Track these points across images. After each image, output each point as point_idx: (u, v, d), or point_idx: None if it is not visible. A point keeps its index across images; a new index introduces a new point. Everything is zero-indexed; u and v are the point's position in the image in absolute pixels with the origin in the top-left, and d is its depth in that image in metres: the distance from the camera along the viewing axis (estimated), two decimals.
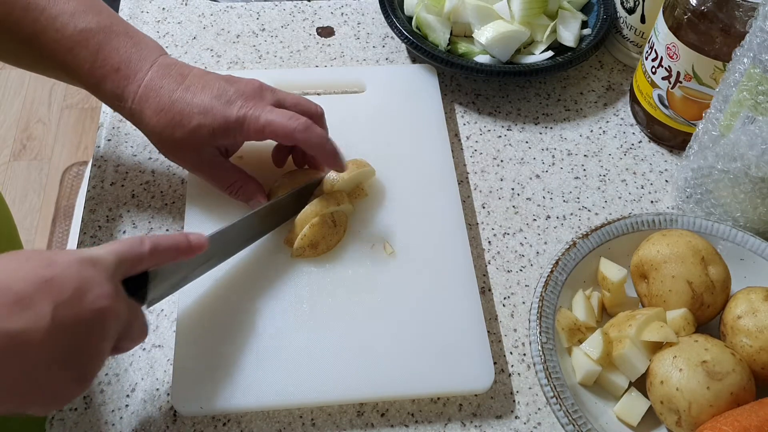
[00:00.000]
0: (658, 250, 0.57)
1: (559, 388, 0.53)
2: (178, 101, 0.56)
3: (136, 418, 0.55)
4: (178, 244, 0.49)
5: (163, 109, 0.56)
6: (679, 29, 0.65)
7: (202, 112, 0.56)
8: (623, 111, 0.78)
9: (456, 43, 0.77)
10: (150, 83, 0.57)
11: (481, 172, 0.71)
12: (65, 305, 0.40)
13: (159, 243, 0.47)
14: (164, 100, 0.56)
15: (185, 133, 0.57)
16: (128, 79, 0.57)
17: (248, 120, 0.57)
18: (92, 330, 0.41)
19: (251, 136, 0.58)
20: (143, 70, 0.57)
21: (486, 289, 0.63)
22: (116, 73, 0.57)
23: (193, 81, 0.58)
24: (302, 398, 0.54)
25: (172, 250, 0.48)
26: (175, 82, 0.57)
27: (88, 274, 0.42)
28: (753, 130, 0.57)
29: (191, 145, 0.58)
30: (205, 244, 0.50)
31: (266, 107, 0.58)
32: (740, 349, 0.54)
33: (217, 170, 0.60)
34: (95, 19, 0.57)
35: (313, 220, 0.60)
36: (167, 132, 0.57)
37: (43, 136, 1.90)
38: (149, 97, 0.57)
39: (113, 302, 0.42)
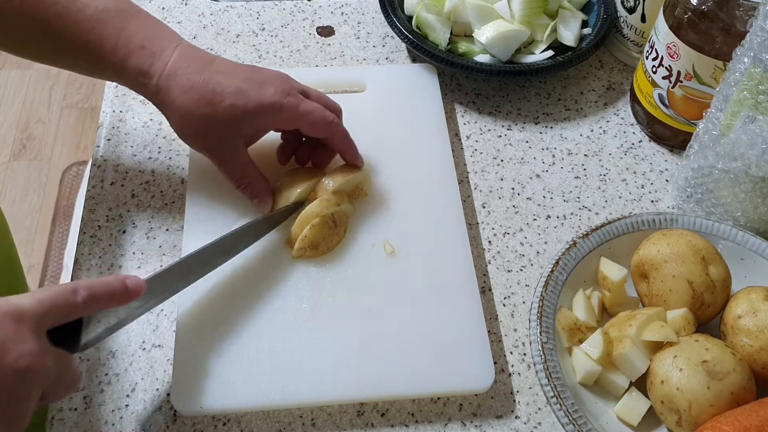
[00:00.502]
0: (658, 250, 0.57)
1: (559, 387, 0.53)
2: (210, 81, 0.56)
3: (136, 418, 0.55)
4: (113, 291, 0.46)
5: (193, 86, 0.56)
6: (679, 28, 0.65)
7: (235, 93, 0.56)
8: (623, 110, 0.77)
9: (456, 42, 0.77)
10: (177, 62, 0.56)
11: (481, 171, 0.71)
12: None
13: (94, 291, 0.44)
14: (194, 78, 0.56)
15: (216, 112, 0.56)
16: (154, 56, 0.56)
17: (285, 107, 0.58)
18: (12, 393, 0.38)
19: (283, 122, 0.59)
20: (169, 48, 0.57)
21: (486, 288, 0.63)
22: (141, 50, 0.56)
23: (221, 65, 0.58)
24: (302, 398, 0.54)
25: (107, 298, 0.45)
26: (202, 64, 0.57)
27: (9, 332, 0.39)
28: (753, 130, 0.57)
29: (218, 127, 0.57)
30: (142, 289, 0.47)
31: (301, 97, 0.59)
32: (741, 348, 0.53)
33: (234, 159, 0.59)
34: (113, 2, 0.57)
35: (313, 220, 0.60)
36: (196, 110, 0.56)
37: (43, 136, 1.90)
38: (177, 74, 0.56)
39: (37, 359, 0.39)
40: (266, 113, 0.57)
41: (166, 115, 0.59)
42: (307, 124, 0.59)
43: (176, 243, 0.64)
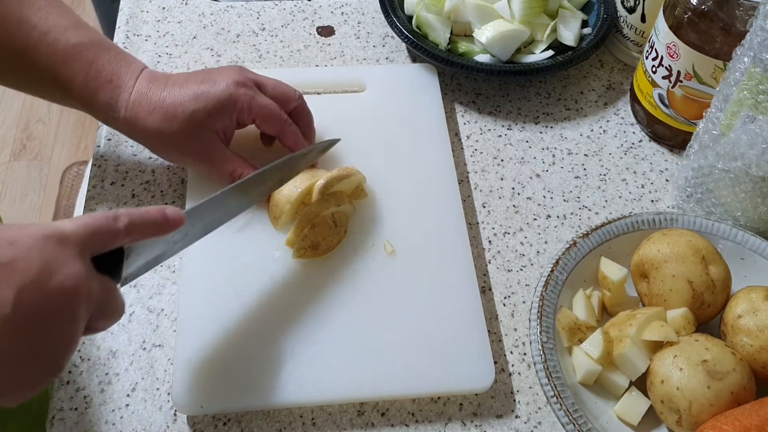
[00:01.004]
0: (658, 250, 0.57)
1: (559, 387, 0.53)
2: (168, 96, 0.59)
3: (136, 418, 0.55)
4: (155, 220, 0.46)
5: (155, 108, 0.59)
6: (679, 28, 0.65)
7: (193, 98, 0.59)
8: (623, 110, 0.77)
9: (456, 42, 0.77)
10: (139, 90, 0.60)
11: (481, 171, 0.71)
12: (29, 288, 0.37)
13: (134, 219, 0.44)
14: (154, 100, 0.59)
15: (182, 123, 0.59)
16: (120, 89, 0.59)
17: (241, 100, 0.60)
18: (60, 313, 0.39)
19: (243, 114, 0.61)
20: (132, 80, 0.60)
21: (486, 288, 0.63)
22: (109, 84, 0.59)
23: (177, 79, 0.61)
24: (302, 398, 0.54)
25: (148, 227, 0.45)
26: (160, 84, 0.60)
27: (54, 253, 0.39)
28: (753, 129, 0.57)
29: (190, 135, 0.60)
30: (182, 219, 0.48)
31: (257, 90, 0.61)
32: (741, 348, 0.54)
33: (218, 158, 0.61)
34: (86, 35, 0.60)
35: (314, 220, 0.60)
36: (164, 127, 0.59)
37: (43, 136, 1.90)
38: (140, 101, 0.59)
39: (82, 281, 0.40)
40: (226, 107, 0.60)
41: (141, 142, 0.62)
42: (261, 118, 0.61)
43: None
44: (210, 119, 0.59)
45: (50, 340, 0.39)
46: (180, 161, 0.63)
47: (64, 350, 0.40)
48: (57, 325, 0.39)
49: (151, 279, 0.62)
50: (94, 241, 0.42)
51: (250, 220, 0.63)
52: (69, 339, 0.40)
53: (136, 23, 0.82)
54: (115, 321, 0.45)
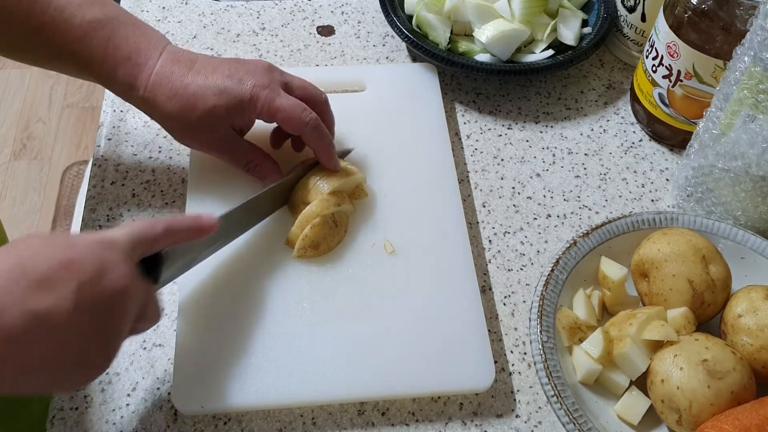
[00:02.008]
0: (658, 249, 0.57)
1: (559, 386, 0.53)
2: (191, 84, 0.58)
3: (136, 417, 0.55)
4: (190, 226, 0.50)
5: (177, 93, 0.58)
6: (679, 28, 0.65)
7: (216, 93, 0.58)
8: (624, 110, 0.77)
9: (456, 41, 0.77)
10: (161, 70, 0.58)
11: (481, 170, 0.71)
12: (87, 286, 0.40)
13: (173, 225, 0.48)
14: (176, 84, 0.58)
15: (201, 115, 0.58)
16: (139, 67, 0.58)
17: (262, 101, 0.59)
18: (113, 310, 0.42)
19: (263, 116, 0.60)
20: (153, 58, 0.58)
21: (486, 287, 0.63)
22: (127, 62, 0.58)
23: (203, 65, 0.59)
24: (303, 397, 0.54)
25: (185, 232, 0.49)
26: (185, 67, 0.58)
27: (108, 256, 0.42)
28: (754, 129, 0.57)
29: (208, 127, 0.59)
30: (216, 225, 0.51)
31: (279, 91, 0.60)
32: (741, 347, 0.54)
33: (235, 149, 0.62)
34: (102, 11, 0.58)
35: (314, 220, 0.60)
36: (183, 115, 0.58)
37: (44, 136, 1.90)
38: (161, 84, 0.58)
39: (131, 283, 0.43)
40: (247, 107, 0.59)
41: (157, 122, 0.61)
42: (281, 120, 0.60)
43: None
44: (229, 116, 0.59)
45: (104, 334, 0.42)
46: (195, 147, 0.63)
47: (114, 345, 0.43)
48: (110, 321, 0.42)
49: None
50: (140, 246, 0.46)
51: None
52: (119, 335, 0.43)
53: None
54: (154, 323, 0.49)
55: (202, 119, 0.58)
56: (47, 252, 0.41)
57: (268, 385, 0.54)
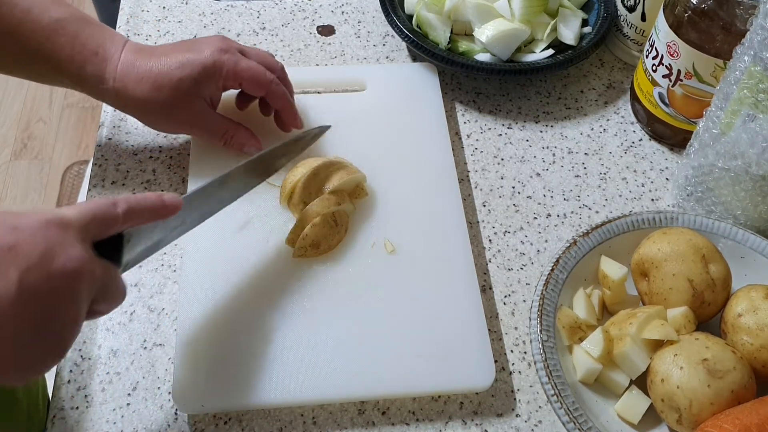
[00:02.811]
0: (658, 248, 0.57)
1: (559, 386, 0.53)
2: (155, 65, 0.61)
3: (137, 417, 0.55)
4: (153, 205, 0.47)
5: (143, 77, 0.60)
6: (679, 27, 0.65)
7: (179, 66, 0.60)
8: (624, 109, 0.78)
9: (456, 41, 0.77)
10: (125, 61, 0.61)
11: (481, 170, 0.71)
12: (32, 271, 0.38)
13: (132, 204, 0.46)
14: (142, 70, 0.60)
15: (170, 91, 0.60)
16: (106, 61, 0.61)
17: (226, 65, 0.61)
18: (64, 294, 0.40)
19: (228, 80, 0.62)
20: (117, 51, 0.61)
21: (487, 287, 0.63)
22: (95, 57, 0.60)
23: (162, 49, 0.62)
24: (303, 396, 0.54)
25: (146, 212, 0.47)
26: (146, 54, 0.61)
27: (56, 237, 0.40)
28: (754, 128, 0.57)
29: (178, 103, 0.61)
30: (180, 204, 0.49)
31: (240, 55, 0.63)
32: (741, 347, 0.54)
33: (208, 122, 0.64)
34: (66, 10, 0.61)
35: (314, 220, 0.60)
36: (153, 96, 0.61)
37: (44, 136, 1.90)
38: (128, 72, 0.60)
39: (84, 264, 0.41)
40: (212, 74, 0.61)
41: (130, 112, 0.63)
42: (247, 80, 0.63)
43: (177, 241, 0.64)
44: (196, 86, 0.61)
45: (54, 321, 0.40)
46: (171, 129, 0.66)
47: (67, 331, 0.41)
48: (60, 306, 0.40)
49: (152, 278, 0.62)
50: (95, 226, 0.43)
51: (251, 219, 0.63)
52: (72, 320, 0.41)
53: (136, 22, 0.82)
54: (117, 304, 0.46)
55: (171, 95, 0.61)
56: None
57: (269, 384, 0.54)
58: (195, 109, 0.62)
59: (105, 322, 0.59)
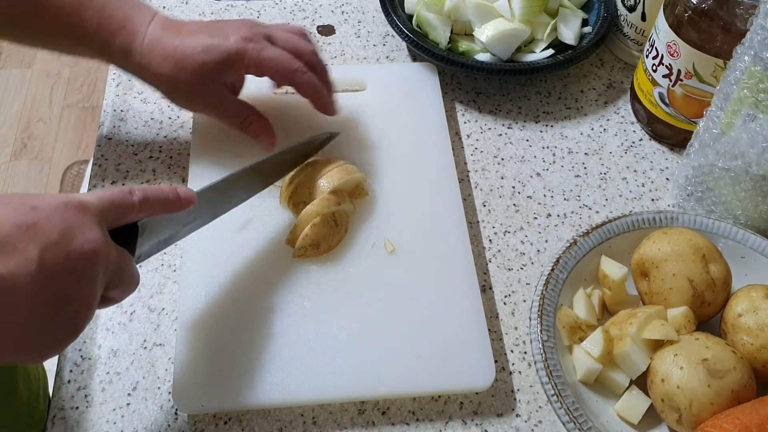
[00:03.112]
0: (658, 248, 0.57)
1: (559, 386, 0.53)
2: (180, 46, 0.60)
3: (137, 417, 0.55)
4: (167, 196, 0.48)
5: (168, 55, 0.60)
6: (679, 27, 0.65)
7: (203, 50, 0.60)
8: (624, 109, 0.77)
9: (456, 41, 0.77)
10: (152, 36, 0.60)
11: (481, 170, 0.71)
12: (52, 249, 0.39)
13: (148, 194, 0.47)
14: (167, 48, 0.60)
15: (192, 73, 0.60)
16: (133, 34, 0.60)
17: (248, 53, 0.60)
18: (81, 274, 0.40)
19: (251, 69, 0.61)
20: (144, 25, 0.61)
21: (487, 287, 0.63)
22: (122, 30, 0.60)
23: (190, 28, 0.62)
24: (303, 396, 0.54)
25: (161, 202, 0.48)
26: (173, 32, 0.61)
27: (75, 218, 0.41)
28: (754, 128, 0.57)
29: (200, 86, 0.61)
30: (194, 198, 0.50)
31: (265, 43, 0.61)
32: (741, 347, 0.54)
33: (229, 107, 0.63)
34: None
35: (314, 219, 0.60)
36: (176, 75, 0.60)
37: (44, 135, 1.90)
38: (153, 48, 0.60)
39: (101, 246, 0.41)
40: (234, 61, 0.60)
41: (153, 86, 0.63)
42: (270, 71, 0.62)
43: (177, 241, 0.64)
44: (219, 72, 0.61)
45: (70, 301, 0.40)
46: (191, 108, 0.65)
47: (82, 312, 0.41)
48: (77, 286, 0.40)
49: (152, 278, 0.62)
50: (112, 212, 0.44)
51: (251, 219, 0.63)
52: (88, 301, 0.41)
53: None
54: (130, 291, 0.47)
55: (193, 78, 0.60)
56: (6, 215, 0.39)
57: (269, 384, 0.54)
58: (215, 93, 0.62)
59: (105, 322, 0.60)
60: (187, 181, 0.66)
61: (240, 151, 0.67)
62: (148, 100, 0.74)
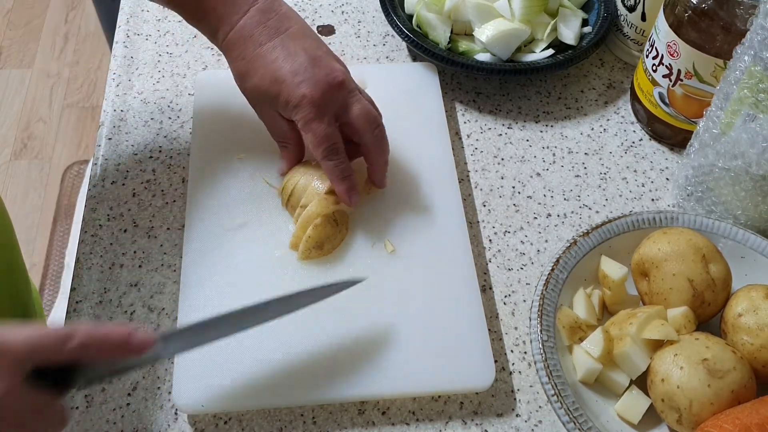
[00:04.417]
0: (659, 248, 0.57)
1: (560, 386, 0.53)
2: (259, 58, 0.58)
3: (137, 417, 0.55)
4: (114, 344, 0.43)
5: (245, 58, 0.58)
6: (679, 27, 0.65)
7: (271, 80, 0.57)
8: (624, 109, 0.77)
9: (456, 41, 0.77)
10: (242, 29, 0.58)
11: (481, 170, 0.71)
12: None
13: (91, 341, 0.42)
14: (248, 51, 0.58)
15: (251, 88, 0.59)
16: (221, 20, 0.59)
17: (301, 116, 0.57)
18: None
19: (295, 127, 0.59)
20: (240, 12, 0.58)
21: (487, 287, 0.63)
22: (213, 12, 0.59)
23: (284, 41, 0.58)
24: (303, 396, 0.54)
25: (108, 349, 0.43)
26: (266, 35, 0.58)
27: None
28: (754, 128, 0.57)
29: (258, 98, 0.61)
30: (149, 345, 0.44)
31: (324, 118, 0.57)
32: (741, 346, 0.54)
33: (274, 126, 0.62)
34: None
35: (315, 221, 0.60)
36: (241, 77, 0.60)
37: (44, 135, 1.90)
38: (236, 42, 0.59)
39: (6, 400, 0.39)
40: (286, 110, 0.58)
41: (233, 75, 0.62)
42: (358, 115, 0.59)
43: (177, 242, 0.64)
44: (271, 105, 0.59)
45: None
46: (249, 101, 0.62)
47: None
48: None
49: (152, 278, 0.62)
50: (36, 357, 0.41)
51: (251, 220, 0.63)
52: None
53: (136, 22, 0.82)
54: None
55: (250, 91, 0.60)
56: None
57: (269, 384, 0.54)
58: (265, 110, 0.61)
59: (105, 321, 0.59)
60: (187, 181, 0.66)
61: (240, 151, 0.67)
62: (148, 100, 0.74)
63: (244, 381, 0.54)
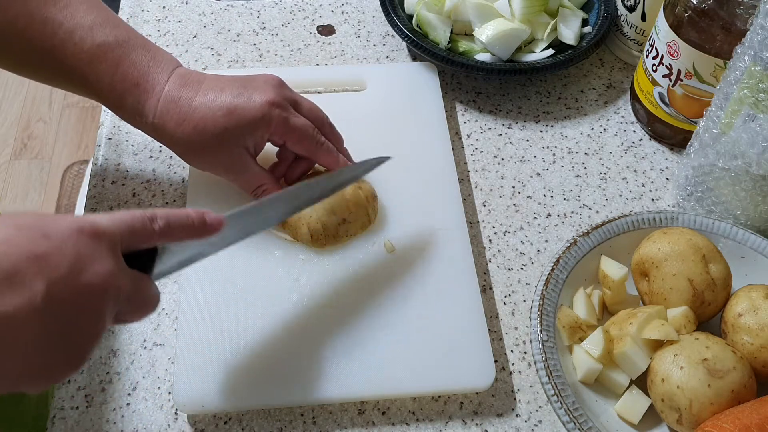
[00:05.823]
0: (659, 248, 0.57)
1: (560, 386, 0.53)
2: (199, 107, 0.57)
3: (137, 417, 0.55)
4: (192, 223, 0.45)
5: (185, 119, 0.57)
6: (679, 27, 0.65)
7: (225, 113, 0.57)
8: (624, 109, 0.77)
9: (456, 41, 0.77)
10: (168, 96, 0.57)
11: (481, 170, 0.71)
12: (60, 282, 0.37)
13: (171, 221, 0.44)
14: (184, 109, 0.57)
15: (212, 137, 0.57)
16: (147, 93, 0.57)
17: (275, 120, 0.57)
18: (87, 310, 0.39)
19: (275, 136, 0.59)
20: (161, 83, 0.57)
21: (487, 287, 0.63)
22: (136, 88, 0.57)
23: (210, 85, 0.58)
24: (303, 396, 0.54)
25: (185, 230, 0.45)
26: (192, 90, 0.57)
27: (87, 248, 0.39)
28: (754, 128, 0.57)
29: (219, 148, 0.58)
30: (221, 225, 0.47)
31: (291, 110, 0.59)
32: (741, 346, 0.54)
33: (246, 172, 0.60)
34: (113, 33, 0.57)
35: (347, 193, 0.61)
36: (194, 139, 0.57)
37: (44, 135, 1.90)
38: (170, 109, 0.57)
39: (112, 279, 0.40)
40: (259, 126, 0.57)
41: (168, 147, 0.60)
42: (294, 140, 0.59)
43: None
44: (241, 137, 0.57)
45: (75, 335, 0.39)
46: (207, 170, 0.62)
47: (87, 345, 0.40)
48: (83, 320, 0.39)
49: None
50: (128, 239, 0.42)
51: None
52: (93, 334, 0.40)
53: (136, 22, 0.82)
54: (147, 314, 0.45)
55: (212, 141, 0.57)
56: (16, 242, 0.37)
57: (269, 384, 0.54)
58: (234, 157, 0.59)
59: None
60: (187, 182, 0.66)
61: None
62: None
63: (244, 381, 0.54)
